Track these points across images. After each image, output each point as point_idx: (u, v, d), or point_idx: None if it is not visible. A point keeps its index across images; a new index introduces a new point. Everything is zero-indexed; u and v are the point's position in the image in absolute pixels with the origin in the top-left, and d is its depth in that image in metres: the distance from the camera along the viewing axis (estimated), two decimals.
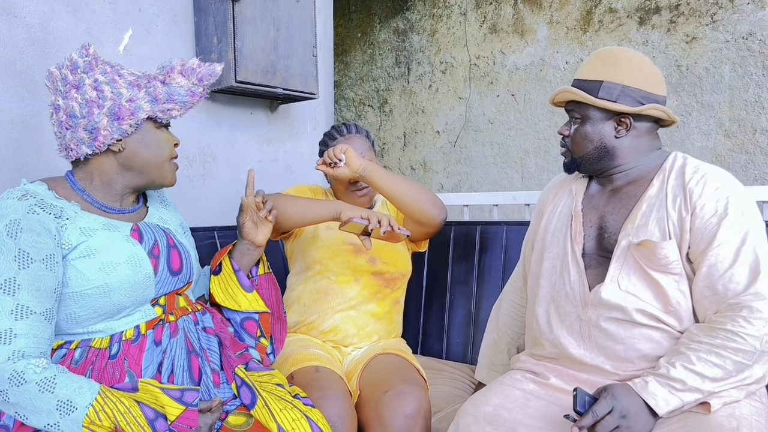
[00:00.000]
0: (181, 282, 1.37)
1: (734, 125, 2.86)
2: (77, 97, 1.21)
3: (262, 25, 2.18)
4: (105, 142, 1.22)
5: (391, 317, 1.86)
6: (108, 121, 1.21)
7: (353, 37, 4.39)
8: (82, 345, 1.24)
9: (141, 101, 1.23)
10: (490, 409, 1.35)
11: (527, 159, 3.56)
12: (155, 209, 1.41)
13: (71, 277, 1.19)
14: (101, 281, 1.20)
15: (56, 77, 1.25)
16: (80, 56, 1.24)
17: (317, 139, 2.69)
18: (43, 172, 1.84)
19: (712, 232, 1.25)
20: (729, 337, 1.18)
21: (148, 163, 1.28)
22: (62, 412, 1.08)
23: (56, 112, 1.25)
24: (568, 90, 1.39)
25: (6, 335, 1.09)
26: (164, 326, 1.31)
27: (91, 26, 1.95)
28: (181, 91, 1.27)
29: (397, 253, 1.86)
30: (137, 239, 1.29)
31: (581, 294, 1.38)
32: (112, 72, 1.24)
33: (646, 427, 1.18)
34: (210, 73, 1.29)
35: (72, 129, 1.22)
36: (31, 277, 1.12)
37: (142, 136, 1.27)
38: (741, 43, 2.81)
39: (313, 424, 1.28)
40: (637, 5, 3.11)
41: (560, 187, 1.59)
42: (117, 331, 1.25)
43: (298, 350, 1.66)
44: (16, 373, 1.08)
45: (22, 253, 1.12)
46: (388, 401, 1.45)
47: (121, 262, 1.23)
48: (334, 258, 1.78)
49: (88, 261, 1.20)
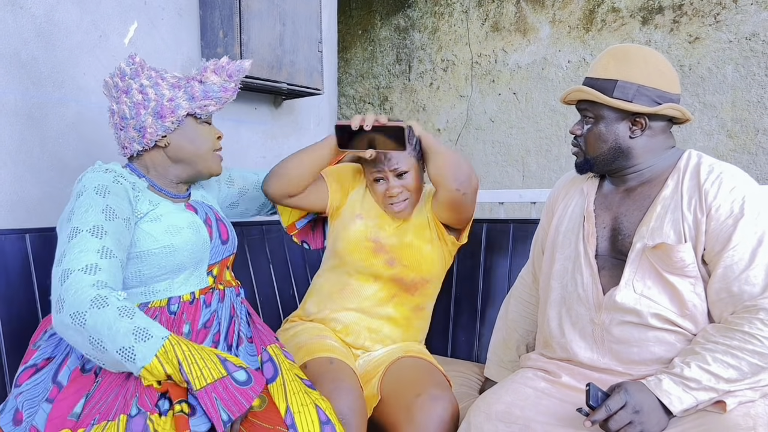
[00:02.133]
0: (228, 251, 1.52)
1: (737, 125, 2.87)
2: (126, 101, 1.37)
3: (269, 19, 2.17)
4: (152, 139, 1.38)
5: (411, 323, 1.77)
6: (153, 119, 1.36)
7: (354, 34, 4.38)
8: (141, 307, 1.34)
9: (180, 100, 1.37)
10: (502, 407, 1.34)
11: (528, 158, 3.55)
12: (196, 191, 1.57)
13: (140, 238, 1.33)
14: (167, 241, 1.34)
15: (110, 85, 1.41)
16: (127, 65, 1.39)
17: (321, 135, 2.68)
18: (47, 165, 1.82)
19: (728, 234, 1.23)
20: (746, 339, 1.18)
21: (192, 155, 1.43)
22: (138, 337, 1.15)
23: (112, 116, 1.41)
24: (581, 89, 1.36)
25: (91, 268, 1.19)
26: (214, 293, 1.44)
27: (97, 18, 1.93)
28: (215, 87, 1.40)
29: (420, 255, 1.71)
30: (192, 211, 1.46)
31: (594, 297, 1.36)
32: (156, 76, 1.39)
33: (659, 425, 1.17)
34: (238, 69, 1.43)
35: (124, 129, 1.39)
36: (114, 229, 1.26)
37: (184, 131, 1.41)
38: (744, 44, 2.82)
39: (320, 411, 1.30)
40: (640, 5, 3.11)
41: (571, 185, 1.56)
42: (175, 295, 1.38)
43: (313, 340, 1.64)
44: (100, 297, 1.16)
45: (108, 208, 1.27)
46: (423, 405, 1.43)
47: (183, 227, 1.38)
48: (352, 254, 1.71)
49: (155, 224, 1.35)
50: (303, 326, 1.74)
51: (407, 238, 1.71)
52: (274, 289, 2.16)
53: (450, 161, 1.60)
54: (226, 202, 1.68)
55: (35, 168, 1.80)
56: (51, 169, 1.83)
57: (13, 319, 1.50)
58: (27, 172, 1.79)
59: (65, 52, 1.86)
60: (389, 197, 1.67)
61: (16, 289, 1.52)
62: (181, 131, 1.40)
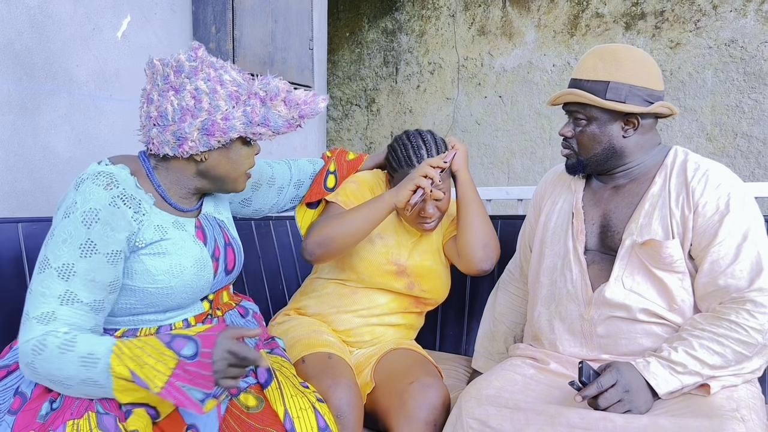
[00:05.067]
0: (231, 279, 1.38)
1: (716, 129, 2.94)
2: (174, 101, 1.17)
3: (261, 16, 2.19)
4: (189, 152, 1.19)
5: (412, 329, 1.81)
6: (198, 134, 1.17)
7: (342, 36, 4.41)
8: (128, 333, 1.23)
9: (236, 121, 1.18)
10: (492, 391, 1.37)
11: (513, 160, 3.60)
12: (208, 202, 1.39)
13: (137, 271, 1.18)
14: (166, 283, 1.20)
15: (158, 71, 1.19)
16: (188, 59, 1.19)
17: (311, 133, 2.70)
18: (39, 155, 1.82)
19: (714, 229, 1.27)
20: (732, 328, 1.21)
21: (226, 176, 1.26)
22: (88, 366, 1.06)
23: (148, 104, 1.20)
24: (574, 92, 1.36)
25: (47, 317, 1.09)
26: (212, 320, 1.32)
27: (90, 11, 1.94)
28: (280, 120, 1.21)
29: (439, 281, 1.73)
30: (202, 240, 1.29)
31: (583, 293, 1.39)
32: (215, 79, 1.18)
33: (646, 405, 1.20)
34: (313, 112, 1.25)
35: (159, 128, 1.18)
36: (90, 267, 1.12)
37: (228, 152, 1.23)
38: (723, 50, 2.90)
39: (319, 416, 1.28)
40: (624, 11, 3.18)
41: (558, 181, 1.57)
42: (166, 323, 1.26)
43: (310, 335, 1.64)
44: (39, 343, 1.07)
45: (89, 242, 1.12)
46: (415, 392, 1.45)
47: (188, 266, 1.22)
48: (374, 277, 1.67)
49: (158, 260, 1.20)
50: (297, 321, 1.73)
51: (427, 263, 1.71)
52: (263, 284, 2.17)
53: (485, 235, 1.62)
54: (239, 198, 1.56)
55: (27, 158, 1.80)
56: (43, 159, 1.83)
57: (5, 309, 1.50)
58: (19, 162, 1.79)
59: (58, 44, 1.87)
60: (424, 217, 1.63)
61: (8, 278, 1.52)
62: (224, 151, 1.22)
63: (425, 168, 1.46)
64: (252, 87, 1.22)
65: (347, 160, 1.76)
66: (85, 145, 1.91)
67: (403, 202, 1.48)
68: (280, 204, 1.67)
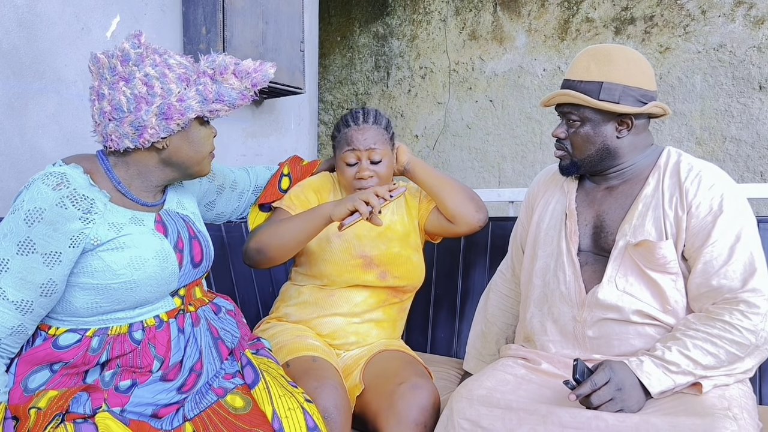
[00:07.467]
0: (201, 272, 1.37)
1: (705, 133, 2.96)
2: (125, 91, 1.16)
3: (251, 17, 2.18)
4: (150, 140, 1.19)
5: (395, 324, 1.80)
6: (156, 120, 1.17)
7: (333, 40, 4.41)
8: (99, 333, 1.22)
9: (191, 101, 1.19)
10: (484, 392, 1.36)
11: (504, 164, 3.61)
12: (173, 192, 1.39)
13: (97, 269, 1.18)
14: (128, 277, 1.19)
15: (103, 64, 1.19)
16: (132, 47, 1.18)
17: (301, 135, 2.69)
18: (26, 155, 1.80)
19: (707, 230, 1.27)
20: (726, 329, 1.21)
21: (189, 159, 1.27)
22: None
23: (99, 100, 1.20)
24: (567, 93, 1.35)
25: None
26: (185, 315, 1.31)
27: (79, 10, 1.93)
28: (233, 93, 1.23)
29: (411, 265, 1.74)
30: (162, 233, 1.28)
31: (577, 294, 1.38)
32: (162, 64, 1.18)
33: (638, 404, 1.20)
34: (264, 79, 1.26)
35: (116, 122, 1.18)
36: (24, 265, 1.11)
37: (187, 134, 1.24)
38: (712, 54, 2.92)
39: (308, 416, 1.27)
40: (613, 15, 3.20)
41: (550, 182, 1.57)
42: (137, 320, 1.25)
43: (294, 340, 1.63)
44: None
45: (28, 241, 1.11)
46: (404, 393, 1.44)
47: (149, 258, 1.22)
48: (342, 275, 1.68)
49: (117, 254, 1.19)
50: (282, 326, 1.72)
51: (395, 249, 1.71)
52: (254, 287, 2.15)
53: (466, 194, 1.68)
54: (205, 200, 1.57)
55: (14, 158, 1.78)
56: (30, 159, 1.81)
57: None
58: (5, 162, 1.77)
59: (47, 43, 1.85)
60: (359, 179, 1.65)
61: None
62: (183, 134, 1.23)
63: (369, 195, 1.45)
64: (199, 67, 1.23)
65: (301, 165, 1.81)
66: (73, 145, 1.89)
67: (338, 218, 1.48)
68: (240, 209, 1.69)
